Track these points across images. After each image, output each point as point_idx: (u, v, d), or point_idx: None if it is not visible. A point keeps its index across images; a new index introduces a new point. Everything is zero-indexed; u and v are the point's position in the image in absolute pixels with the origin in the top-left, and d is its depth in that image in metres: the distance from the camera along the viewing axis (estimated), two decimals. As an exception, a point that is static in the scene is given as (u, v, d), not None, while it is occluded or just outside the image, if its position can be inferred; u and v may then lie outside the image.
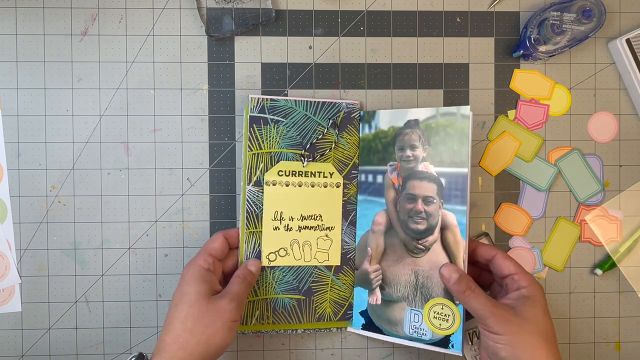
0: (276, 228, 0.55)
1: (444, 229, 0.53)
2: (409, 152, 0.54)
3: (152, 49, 0.57)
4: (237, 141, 0.58)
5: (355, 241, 0.57)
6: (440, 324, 0.52)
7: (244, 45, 0.58)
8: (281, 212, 0.56)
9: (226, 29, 0.57)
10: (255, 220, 0.55)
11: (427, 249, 0.53)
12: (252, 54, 0.58)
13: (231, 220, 0.58)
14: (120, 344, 0.58)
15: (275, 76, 0.58)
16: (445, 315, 0.52)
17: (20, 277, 0.57)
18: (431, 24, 0.59)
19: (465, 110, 0.52)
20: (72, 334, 0.58)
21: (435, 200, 0.53)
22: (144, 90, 0.58)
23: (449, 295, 0.52)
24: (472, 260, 0.54)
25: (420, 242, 0.54)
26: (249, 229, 0.55)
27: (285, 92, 0.58)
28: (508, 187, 0.60)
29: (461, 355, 0.53)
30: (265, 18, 0.57)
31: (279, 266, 0.56)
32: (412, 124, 0.54)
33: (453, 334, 0.52)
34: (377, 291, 0.55)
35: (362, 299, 0.56)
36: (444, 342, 0.52)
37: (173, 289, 0.58)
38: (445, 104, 0.59)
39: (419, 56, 0.59)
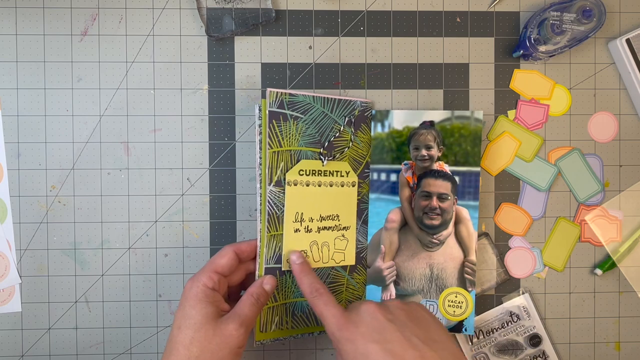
0: (297, 230, 0.54)
1: (457, 223, 0.56)
2: (424, 152, 0.56)
3: (152, 49, 0.57)
4: (237, 141, 0.58)
5: (367, 239, 0.57)
6: (454, 311, 0.56)
7: (244, 45, 0.58)
8: (302, 213, 0.54)
9: (226, 29, 0.57)
10: (277, 223, 0.53)
11: (442, 242, 0.56)
12: (252, 54, 0.58)
13: (231, 221, 0.58)
14: (120, 344, 0.58)
15: (275, 76, 0.58)
16: (458, 302, 0.56)
17: (20, 277, 0.57)
18: (431, 24, 0.59)
19: (479, 114, 0.56)
20: (72, 334, 0.58)
21: (449, 197, 0.56)
22: (144, 90, 0.58)
23: (462, 283, 0.56)
24: None
25: (435, 236, 0.56)
26: (269, 232, 0.53)
27: (285, 92, 0.58)
28: (508, 187, 0.60)
29: (474, 335, 0.58)
30: (265, 18, 0.57)
31: None
32: (427, 125, 0.56)
33: (466, 318, 0.56)
34: (391, 287, 0.56)
35: (375, 296, 0.57)
36: (458, 327, 0.56)
37: (173, 289, 0.58)
38: (445, 104, 0.59)
39: (419, 56, 0.59)
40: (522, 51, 0.57)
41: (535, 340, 0.59)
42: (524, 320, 0.59)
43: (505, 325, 0.59)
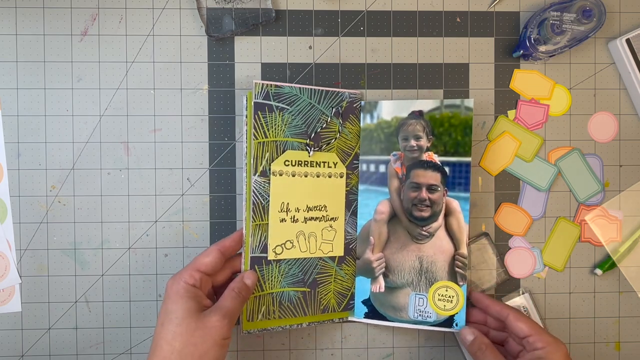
0: (283, 220, 0.54)
1: (447, 215, 0.55)
2: (413, 142, 0.56)
3: (152, 49, 0.57)
4: (237, 141, 0.58)
5: (356, 231, 0.57)
6: (444, 305, 0.55)
7: (244, 45, 0.58)
8: (287, 203, 0.54)
9: (226, 29, 0.57)
10: (262, 212, 0.54)
11: (431, 235, 0.55)
12: (252, 54, 0.58)
13: (231, 220, 0.58)
14: (120, 344, 0.58)
15: (275, 76, 0.58)
16: (449, 296, 0.55)
17: (20, 277, 0.57)
18: (431, 24, 0.59)
19: (470, 102, 0.55)
20: (72, 334, 0.58)
21: (439, 188, 0.55)
22: (144, 90, 0.58)
23: (452, 277, 0.55)
24: (486, 318, 0.56)
25: (424, 228, 0.55)
26: (255, 221, 0.53)
27: (285, 92, 0.58)
28: (508, 187, 0.60)
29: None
30: (265, 18, 0.57)
31: (285, 259, 0.55)
32: (416, 114, 0.56)
33: (457, 313, 0.55)
34: (380, 279, 0.56)
35: (364, 288, 0.57)
36: (448, 322, 0.55)
37: (173, 289, 0.58)
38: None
39: (419, 56, 0.59)
40: (522, 51, 0.57)
41: None
42: None
43: None
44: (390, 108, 0.56)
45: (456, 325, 0.55)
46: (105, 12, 0.57)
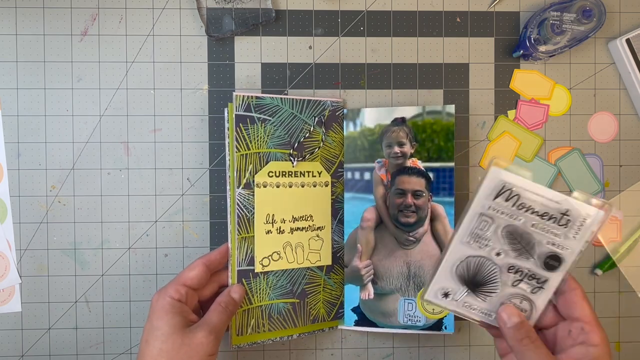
0: (268, 232, 0.54)
1: (433, 220, 0.56)
2: (397, 149, 0.56)
3: (152, 49, 0.57)
4: (237, 141, 0.58)
5: (344, 239, 0.57)
6: (433, 309, 0.55)
7: (244, 45, 0.58)
8: (273, 214, 0.54)
9: (226, 29, 0.57)
10: (247, 225, 0.53)
11: (418, 240, 0.56)
12: (252, 54, 0.58)
13: (231, 220, 0.58)
14: (120, 344, 0.58)
15: (275, 76, 0.58)
16: None
17: (20, 277, 0.57)
18: (431, 24, 0.59)
19: (451, 108, 0.55)
20: (72, 334, 0.58)
21: (424, 194, 0.55)
22: (144, 90, 0.58)
23: None
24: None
25: (411, 234, 0.56)
26: (240, 234, 0.53)
27: (286, 92, 0.58)
28: (508, 187, 0.60)
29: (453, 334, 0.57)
30: (265, 18, 0.57)
31: (272, 271, 0.54)
32: (399, 121, 0.56)
33: (446, 316, 0.55)
34: (369, 286, 0.56)
35: (353, 295, 0.57)
36: (438, 325, 0.56)
37: (173, 289, 0.58)
38: (445, 104, 0.59)
39: (419, 56, 0.59)
40: (522, 51, 0.57)
41: (552, 263, 0.43)
42: (569, 230, 0.42)
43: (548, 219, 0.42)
44: (373, 115, 0.56)
45: (445, 327, 0.55)
46: (105, 12, 0.57)
